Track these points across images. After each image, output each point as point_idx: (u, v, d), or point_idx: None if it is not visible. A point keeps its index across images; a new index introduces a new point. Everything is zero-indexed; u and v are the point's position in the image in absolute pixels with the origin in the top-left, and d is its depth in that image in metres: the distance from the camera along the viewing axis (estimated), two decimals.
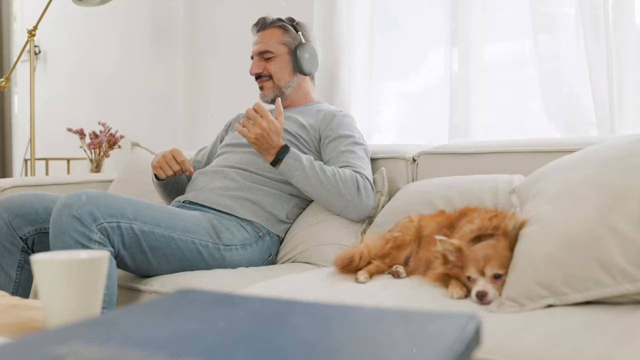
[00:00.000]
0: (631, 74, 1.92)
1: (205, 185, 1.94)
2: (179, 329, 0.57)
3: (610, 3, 1.90)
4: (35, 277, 0.90)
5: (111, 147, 3.44)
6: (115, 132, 3.43)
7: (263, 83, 2.11)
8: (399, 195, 1.85)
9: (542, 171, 1.36)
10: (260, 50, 2.09)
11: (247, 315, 0.62)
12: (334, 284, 1.40)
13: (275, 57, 2.09)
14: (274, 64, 2.09)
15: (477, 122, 2.27)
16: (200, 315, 0.62)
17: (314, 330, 0.58)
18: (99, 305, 0.94)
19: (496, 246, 1.19)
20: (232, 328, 0.58)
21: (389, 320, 0.60)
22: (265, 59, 2.09)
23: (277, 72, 2.09)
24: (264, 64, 2.09)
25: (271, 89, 2.10)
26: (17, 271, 1.68)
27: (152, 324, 0.60)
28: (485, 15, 2.25)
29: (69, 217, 1.46)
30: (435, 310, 0.63)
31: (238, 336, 0.56)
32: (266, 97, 2.12)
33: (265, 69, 2.09)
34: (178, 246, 1.64)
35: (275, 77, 2.09)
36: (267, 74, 2.09)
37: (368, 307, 0.65)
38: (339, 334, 0.57)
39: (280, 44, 2.09)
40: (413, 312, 0.63)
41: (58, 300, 0.90)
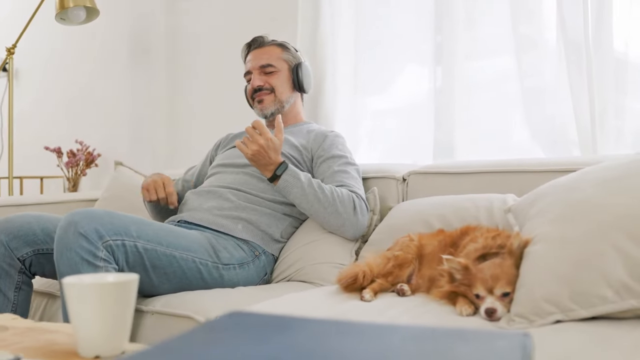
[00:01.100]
0: (612, 98, 2.00)
1: (200, 205, 1.95)
2: (249, 353, 0.59)
3: (591, 31, 1.99)
4: (67, 300, 0.90)
5: (88, 166, 3.42)
6: (93, 150, 3.41)
7: (263, 96, 2.12)
8: (393, 214, 1.89)
9: (539, 192, 1.42)
10: (262, 64, 2.12)
11: (309, 339, 0.65)
12: (340, 302, 1.42)
13: (277, 71, 2.12)
14: (276, 78, 2.12)
15: (461, 140, 2.33)
16: (264, 338, 0.63)
17: (382, 351, 0.60)
18: (129, 327, 0.95)
19: (503, 265, 1.24)
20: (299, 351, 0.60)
21: (449, 339, 0.63)
22: (267, 72, 2.12)
23: (279, 86, 2.12)
24: (265, 77, 2.12)
25: (272, 103, 2.12)
26: (15, 292, 1.66)
27: (220, 349, 0.61)
28: (469, 33, 2.33)
29: (75, 234, 1.46)
30: (486, 329, 0.66)
31: None
32: (266, 111, 2.13)
33: (267, 82, 2.12)
34: (179, 265, 1.65)
35: (278, 91, 2.12)
36: (269, 87, 2.12)
37: (420, 326, 0.68)
38: (407, 354, 0.60)
39: (282, 60, 2.13)
40: (467, 331, 0.67)
41: (91, 323, 0.91)
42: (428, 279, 1.45)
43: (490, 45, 2.32)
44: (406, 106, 2.56)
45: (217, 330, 0.67)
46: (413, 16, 2.49)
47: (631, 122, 2.01)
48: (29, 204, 2.55)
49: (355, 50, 2.62)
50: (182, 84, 3.34)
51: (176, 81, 3.35)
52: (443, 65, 2.38)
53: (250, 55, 2.18)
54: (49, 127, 3.73)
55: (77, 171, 3.37)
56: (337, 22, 2.60)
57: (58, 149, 3.31)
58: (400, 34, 2.55)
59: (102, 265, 1.48)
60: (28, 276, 1.70)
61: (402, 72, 2.56)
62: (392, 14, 2.57)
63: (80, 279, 0.96)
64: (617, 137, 2.02)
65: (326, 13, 2.61)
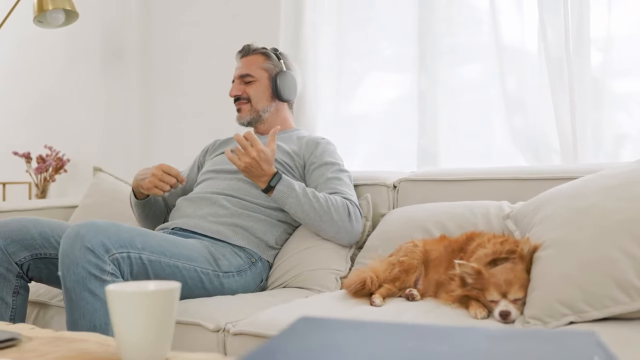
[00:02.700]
0: (590, 108, 2.09)
1: (194, 212, 1.94)
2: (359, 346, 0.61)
3: (571, 44, 2.07)
4: (112, 309, 0.90)
5: (57, 172, 3.35)
6: (62, 156, 3.34)
7: (241, 105, 2.15)
8: (387, 220, 1.93)
9: (541, 199, 1.48)
10: (241, 74, 2.15)
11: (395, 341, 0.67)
12: (350, 307, 1.45)
13: (255, 81, 2.14)
14: (253, 88, 2.14)
15: (445, 147, 2.39)
16: (358, 339, 0.66)
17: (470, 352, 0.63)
18: (172, 335, 0.95)
19: (515, 270, 1.29)
20: (396, 351, 0.63)
21: (527, 339, 0.67)
22: (245, 82, 2.14)
23: (255, 95, 2.14)
24: (244, 87, 2.14)
25: (248, 112, 2.14)
26: (13, 297, 1.63)
27: (332, 343, 0.63)
28: (452, 39, 2.39)
29: (81, 248, 1.44)
30: (559, 330, 0.70)
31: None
32: (242, 120, 2.16)
33: (244, 92, 2.14)
34: (182, 275, 1.65)
35: (253, 100, 2.14)
36: (246, 97, 2.14)
37: (492, 328, 0.72)
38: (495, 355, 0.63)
39: (261, 69, 2.15)
40: (540, 331, 0.70)
41: (138, 331, 0.91)
42: (435, 283, 1.50)
43: (472, 53, 2.39)
44: (388, 113, 2.61)
45: (305, 333, 0.68)
46: (396, 23, 2.55)
47: (609, 132, 2.11)
48: (3, 210, 2.48)
49: (337, 56, 2.65)
50: (155, 88, 3.31)
51: (149, 85, 3.32)
52: (427, 72, 2.42)
53: (237, 64, 2.20)
54: (15, 132, 3.63)
55: (45, 177, 3.30)
56: (319, 29, 2.63)
57: (27, 154, 3.23)
58: (383, 39, 2.60)
59: (110, 279, 1.46)
60: (25, 281, 1.67)
61: (385, 80, 2.61)
62: (374, 20, 2.62)
63: (123, 287, 0.96)
64: (595, 145, 2.11)
65: (308, 19, 2.64)
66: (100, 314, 1.43)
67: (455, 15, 2.41)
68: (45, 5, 2.53)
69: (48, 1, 2.53)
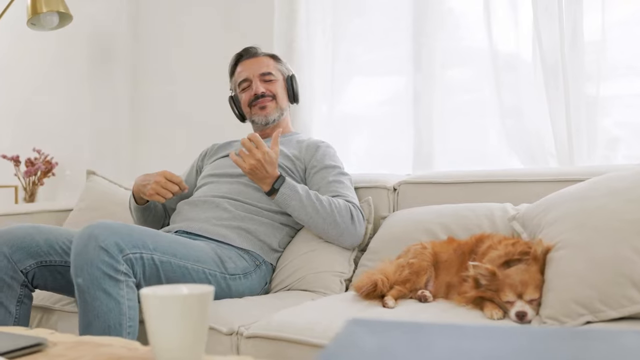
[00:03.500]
0: (584, 113, 2.13)
1: (197, 216, 1.94)
2: None
3: (566, 50, 2.11)
4: (147, 313, 0.90)
5: (45, 175, 3.31)
6: (51, 159, 3.30)
7: (267, 103, 2.13)
8: (391, 222, 1.95)
9: (549, 201, 1.51)
10: (263, 72, 2.14)
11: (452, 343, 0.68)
12: (364, 309, 1.46)
13: (276, 80, 2.16)
14: (276, 86, 2.15)
15: (440, 150, 2.42)
16: (421, 339, 0.67)
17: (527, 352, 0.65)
18: (205, 339, 0.95)
19: (529, 271, 1.31)
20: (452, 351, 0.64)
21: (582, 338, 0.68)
22: (266, 80, 2.14)
23: (280, 93, 2.15)
24: (267, 85, 2.14)
25: (274, 109, 2.14)
26: (17, 306, 1.61)
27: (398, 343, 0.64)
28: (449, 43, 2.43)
29: (95, 248, 1.43)
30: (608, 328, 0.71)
31: None
32: (270, 117, 2.14)
33: (268, 90, 2.14)
34: (191, 276, 1.64)
35: (279, 98, 2.14)
36: (271, 94, 2.14)
37: (544, 328, 0.73)
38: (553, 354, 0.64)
39: (277, 70, 2.17)
40: (592, 330, 0.72)
41: (174, 336, 0.91)
42: (446, 285, 1.52)
43: (467, 57, 2.42)
44: (382, 115, 2.63)
45: (363, 335, 0.69)
46: (390, 25, 2.57)
47: (602, 135, 2.15)
48: None
49: (332, 60, 2.67)
50: (144, 91, 3.29)
51: (138, 88, 3.30)
52: (422, 74, 2.45)
53: (242, 66, 2.19)
54: (2, 134, 3.58)
55: (34, 181, 3.25)
56: (312, 30, 2.65)
57: (16, 157, 3.19)
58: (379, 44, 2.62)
59: (123, 279, 1.46)
60: (30, 289, 1.65)
61: (377, 81, 2.63)
62: (368, 22, 2.64)
63: (155, 290, 0.95)
64: (589, 148, 2.15)
65: (302, 21, 2.66)
66: (114, 314, 1.42)
67: (449, 19, 2.45)
68: (40, 7, 2.51)
69: (42, 4, 2.51)
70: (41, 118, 3.48)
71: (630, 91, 2.14)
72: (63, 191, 3.44)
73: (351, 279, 1.90)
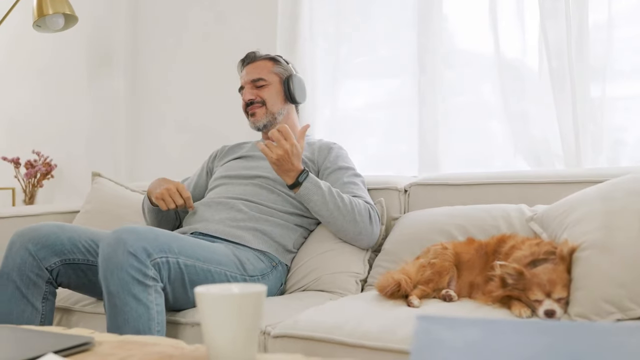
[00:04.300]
0: (589, 117, 2.18)
1: (212, 217, 1.95)
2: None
3: (575, 66, 2.16)
4: (204, 312, 0.91)
5: (44, 177, 3.29)
6: (50, 161, 3.28)
7: (255, 109, 2.14)
8: (405, 223, 1.97)
9: (570, 202, 1.54)
10: (253, 78, 2.14)
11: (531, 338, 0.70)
12: (390, 308, 1.48)
13: (268, 84, 2.15)
14: (267, 91, 2.14)
15: (446, 153, 2.44)
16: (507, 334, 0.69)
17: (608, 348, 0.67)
18: (257, 338, 0.97)
19: (556, 270, 1.34)
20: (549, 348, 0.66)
21: None
22: (258, 86, 2.14)
23: (270, 98, 2.14)
24: (257, 91, 2.15)
25: (264, 115, 2.14)
26: (43, 303, 1.63)
27: None
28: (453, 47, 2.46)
29: (124, 253, 1.44)
30: None
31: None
32: (258, 123, 2.15)
33: (258, 96, 2.14)
34: (214, 279, 1.66)
35: (269, 103, 2.14)
36: (260, 100, 2.14)
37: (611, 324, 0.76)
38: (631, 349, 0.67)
39: (273, 73, 2.16)
40: None
41: (231, 334, 0.92)
42: (469, 285, 1.54)
43: (473, 61, 2.45)
44: (387, 117, 2.66)
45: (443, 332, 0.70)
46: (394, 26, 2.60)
47: (608, 137, 2.19)
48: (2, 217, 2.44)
49: (336, 61, 2.69)
50: (143, 94, 3.28)
51: (137, 92, 3.30)
52: (426, 76, 2.46)
53: (243, 71, 2.21)
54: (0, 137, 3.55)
55: (33, 183, 3.23)
56: (316, 32, 2.68)
57: (16, 159, 3.16)
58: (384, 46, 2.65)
59: (152, 284, 1.47)
60: (54, 287, 1.66)
61: (382, 83, 2.66)
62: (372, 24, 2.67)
63: (207, 289, 0.97)
64: (595, 149, 2.19)
65: (305, 22, 2.68)
66: (144, 319, 1.43)
67: (455, 21, 2.48)
68: (46, 9, 2.49)
69: (48, 6, 2.49)
70: (40, 120, 3.45)
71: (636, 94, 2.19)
72: (60, 194, 3.42)
73: (366, 279, 1.92)
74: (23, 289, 1.60)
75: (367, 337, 1.34)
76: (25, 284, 1.60)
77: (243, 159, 2.16)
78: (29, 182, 3.24)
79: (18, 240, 1.64)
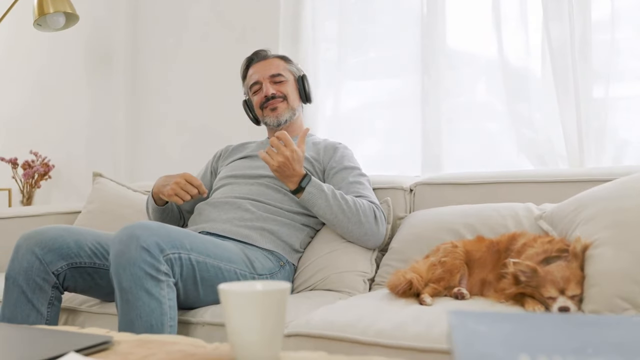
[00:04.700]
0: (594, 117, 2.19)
1: (218, 216, 1.94)
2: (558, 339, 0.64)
3: (578, 67, 2.17)
4: (228, 309, 0.91)
5: (42, 178, 3.27)
6: (48, 161, 3.26)
7: (277, 104, 2.13)
8: (412, 222, 1.97)
9: (579, 200, 1.55)
10: (273, 73, 2.15)
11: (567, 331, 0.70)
12: (403, 307, 1.48)
13: (286, 81, 2.16)
14: (286, 87, 2.15)
15: (449, 152, 2.45)
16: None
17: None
18: (282, 335, 0.97)
19: (570, 267, 1.35)
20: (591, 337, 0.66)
21: None
22: (277, 82, 2.15)
23: (291, 94, 2.16)
24: (277, 86, 2.15)
25: (286, 110, 2.14)
26: (48, 308, 1.60)
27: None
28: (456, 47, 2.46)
29: (137, 248, 1.43)
30: None
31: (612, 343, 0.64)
32: (281, 118, 2.14)
33: (279, 91, 2.14)
34: (224, 276, 1.65)
35: (290, 98, 2.15)
36: (282, 95, 2.14)
37: None
38: None
39: (288, 71, 2.18)
40: None
41: (257, 331, 0.92)
42: (480, 282, 1.55)
43: (476, 62, 2.46)
44: (390, 116, 2.66)
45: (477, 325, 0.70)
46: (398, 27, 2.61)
47: (611, 137, 2.20)
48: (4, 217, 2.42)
49: (338, 61, 2.70)
50: (143, 94, 3.27)
51: (137, 91, 3.28)
52: (430, 76, 2.47)
53: (253, 68, 2.20)
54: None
55: (31, 183, 3.21)
56: (318, 31, 2.68)
57: (14, 159, 3.14)
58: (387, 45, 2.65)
59: (164, 279, 1.46)
60: (60, 291, 1.64)
61: (388, 84, 2.66)
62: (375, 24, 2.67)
63: (231, 286, 0.96)
64: (598, 149, 2.20)
65: (307, 22, 2.68)
66: (156, 314, 1.42)
67: (458, 21, 2.48)
68: (46, 8, 2.49)
69: (49, 4, 2.49)
70: (38, 120, 3.43)
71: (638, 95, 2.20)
72: (58, 194, 3.40)
73: (374, 278, 1.92)
74: (29, 293, 1.58)
75: (382, 335, 1.34)
76: (31, 289, 1.58)
77: (248, 159, 2.15)
78: (27, 183, 3.21)
79: (24, 244, 1.61)
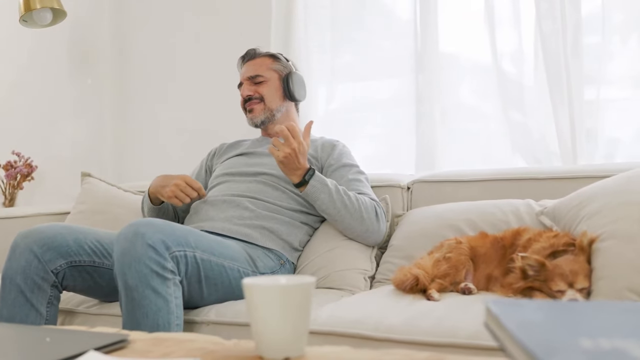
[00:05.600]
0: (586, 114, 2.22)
1: (217, 215, 1.92)
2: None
3: (572, 73, 2.20)
4: (254, 303, 0.89)
5: (25, 178, 3.20)
6: (31, 162, 3.20)
7: (253, 105, 2.12)
8: (411, 220, 1.97)
9: (583, 195, 1.56)
10: (251, 75, 2.13)
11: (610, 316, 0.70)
12: (410, 302, 1.48)
13: (266, 81, 2.13)
14: (265, 87, 2.12)
15: (443, 151, 2.46)
16: None
17: None
18: (308, 329, 0.96)
19: (578, 260, 1.36)
20: None
21: None
22: (256, 83, 2.12)
23: (268, 94, 2.12)
24: (255, 87, 2.13)
25: (262, 111, 2.12)
26: (47, 307, 1.57)
27: None
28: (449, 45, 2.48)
29: (143, 245, 1.41)
30: None
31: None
32: (256, 119, 2.13)
33: (256, 92, 2.12)
34: (227, 275, 1.63)
35: (267, 99, 2.12)
36: (258, 96, 2.12)
37: None
38: None
39: (271, 70, 2.14)
40: None
41: (284, 325, 0.91)
42: (486, 277, 1.55)
43: (470, 59, 2.47)
44: (385, 116, 2.66)
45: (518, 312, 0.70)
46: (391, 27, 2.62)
47: (603, 135, 2.23)
48: None
49: (332, 62, 2.69)
50: (129, 92, 3.23)
51: (123, 89, 3.24)
52: (424, 75, 2.48)
53: (242, 68, 2.19)
54: None
55: (14, 184, 3.14)
56: (311, 31, 2.67)
57: None
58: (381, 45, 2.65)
59: (171, 277, 1.44)
60: (59, 290, 1.61)
61: (382, 84, 2.66)
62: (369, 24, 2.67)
63: (255, 281, 0.95)
64: (590, 148, 2.23)
65: (300, 21, 2.67)
66: (163, 313, 1.40)
67: (452, 20, 2.49)
68: (33, 4, 2.43)
69: (36, 0, 2.43)
70: (19, 120, 3.35)
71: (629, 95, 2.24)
72: (40, 196, 3.33)
73: (374, 276, 1.92)
74: (27, 293, 1.55)
75: (393, 331, 1.33)
76: (29, 288, 1.54)
77: (244, 156, 2.13)
78: (9, 184, 3.14)
79: (22, 242, 1.58)
